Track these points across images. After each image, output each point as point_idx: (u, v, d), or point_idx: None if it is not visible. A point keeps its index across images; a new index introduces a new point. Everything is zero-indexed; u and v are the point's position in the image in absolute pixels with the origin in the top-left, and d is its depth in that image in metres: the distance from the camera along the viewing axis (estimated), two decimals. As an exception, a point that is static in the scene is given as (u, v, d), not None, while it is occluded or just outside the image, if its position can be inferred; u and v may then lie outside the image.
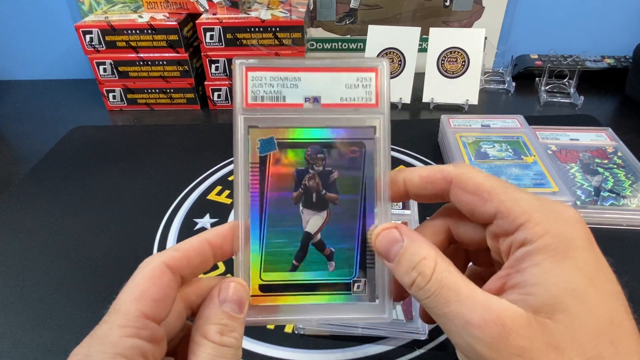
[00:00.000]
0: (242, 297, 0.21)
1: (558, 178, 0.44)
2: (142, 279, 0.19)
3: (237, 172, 0.22)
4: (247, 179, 0.22)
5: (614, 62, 0.72)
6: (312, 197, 0.22)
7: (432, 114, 0.65)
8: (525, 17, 0.75)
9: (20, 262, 0.41)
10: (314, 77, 0.22)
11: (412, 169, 0.23)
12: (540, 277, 0.19)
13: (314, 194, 0.22)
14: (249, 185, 0.22)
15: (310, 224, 0.22)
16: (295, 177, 0.22)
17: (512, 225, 0.20)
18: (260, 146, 0.22)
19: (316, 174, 0.22)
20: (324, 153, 0.22)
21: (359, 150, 0.23)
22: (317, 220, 0.22)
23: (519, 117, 0.55)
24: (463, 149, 0.50)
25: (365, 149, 0.23)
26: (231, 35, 0.61)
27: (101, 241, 0.43)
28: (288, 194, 0.22)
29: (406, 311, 0.33)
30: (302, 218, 0.22)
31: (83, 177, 0.52)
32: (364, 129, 0.23)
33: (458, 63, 0.65)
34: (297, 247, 0.22)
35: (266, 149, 0.22)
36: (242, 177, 0.22)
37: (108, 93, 0.67)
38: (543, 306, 0.18)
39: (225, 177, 0.52)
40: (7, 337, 0.34)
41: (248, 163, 0.22)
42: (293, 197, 0.22)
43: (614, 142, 0.52)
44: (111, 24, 0.61)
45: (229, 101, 0.67)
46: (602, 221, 0.43)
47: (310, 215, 0.22)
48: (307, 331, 0.33)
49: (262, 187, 0.22)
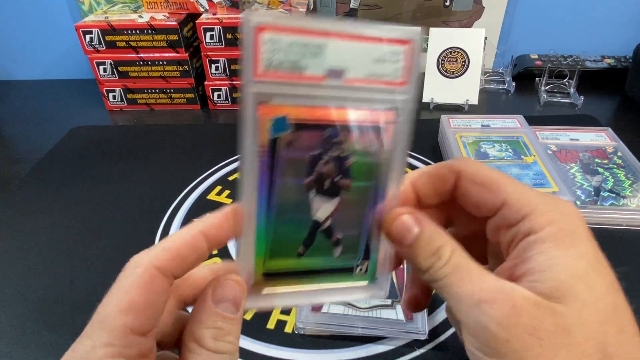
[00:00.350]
0: (238, 295, 0.20)
1: (558, 178, 0.44)
2: (130, 286, 0.18)
3: (244, 155, 0.19)
4: (255, 163, 0.19)
5: (614, 62, 0.72)
6: (325, 184, 0.21)
7: (432, 114, 0.65)
8: (525, 17, 0.75)
9: (20, 262, 0.41)
10: (341, 45, 0.19)
11: (415, 171, 0.23)
12: (547, 264, 0.19)
13: (327, 180, 0.21)
14: (256, 170, 0.19)
15: (320, 211, 0.21)
16: (308, 162, 0.20)
17: (517, 216, 0.20)
18: (271, 126, 0.19)
19: (331, 159, 0.20)
20: (341, 136, 0.20)
21: (379, 134, 0.20)
22: (327, 208, 0.21)
23: (519, 117, 0.55)
24: (463, 149, 0.50)
25: (385, 133, 0.20)
26: (231, 35, 0.61)
27: (101, 241, 0.43)
28: (299, 180, 0.20)
29: (406, 311, 0.33)
30: (312, 205, 0.21)
31: (83, 177, 0.52)
32: (385, 112, 0.20)
33: (458, 63, 0.65)
34: (305, 235, 0.21)
35: (278, 129, 0.19)
36: (249, 160, 0.19)
37: (108, 93, 0.67)
38: (552, 291, 0.18)
39: (225, 177, 0.52)
40: (7, 337, 0.34)
41: (256, 145, 0.19)
42: (305, 184, 0.20)
43: (613, 142, 0.52)
44: (111, 24, 0.61)
45: (229, 101, 0.67)
46: (602, 221, 0.43)
47: (320, 202, 0.21)
48: (307, 331, 0.33)
49: (271, 171, 0.19)
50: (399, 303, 0.33)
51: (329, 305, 0.33)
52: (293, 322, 0.34)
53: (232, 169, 0.53)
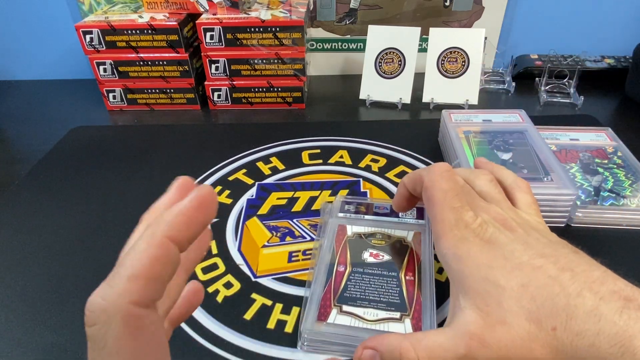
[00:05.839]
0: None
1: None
2: (145, 256, 0.16)
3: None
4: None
5: (614, 62, 0.72)
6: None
7: (432, 114, 0.65)
8: (525, 17, 0.75)
9: (20, 262, 0.41)
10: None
11: (406, 175, 0.35)
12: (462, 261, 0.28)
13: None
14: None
15: None
16: None
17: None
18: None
19: None
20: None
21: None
22: None
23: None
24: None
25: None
26: (231, 35, 0.61)
27: (101, 241, 0.43)
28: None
29: (415, 326, 0.32)
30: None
31: (83, 177, 0.52)
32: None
33: (458, 63, 0.65)
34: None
35: None
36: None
37: (108, 93, 0.67)
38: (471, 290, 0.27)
39: (225, 177, 0.52)
40: (7, 337, 0.34)
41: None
42: None
43: (613, 142, 0.52)
44: (111, 24, 0.61)
45: (229, 101, 0.67)
46: (602, 221, 0.43)
47: None
48: (310, 349, 0.32)
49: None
50: (407, 317, 0.32)
51: (335, 316, 0.32)
52: (293, 322, 0.34)
53: (232, 169, 0.53)
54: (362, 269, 0.36)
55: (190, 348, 0.33)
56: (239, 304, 0.36)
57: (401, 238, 0.39)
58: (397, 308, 0.33)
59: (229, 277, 0.39)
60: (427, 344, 0.26)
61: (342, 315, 0.32)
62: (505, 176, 0.35)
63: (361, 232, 0.40)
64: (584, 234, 0.42)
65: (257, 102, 0.67)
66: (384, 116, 0.65)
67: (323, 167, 0.53)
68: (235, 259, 0.40)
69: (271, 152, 0.56)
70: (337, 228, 0.40)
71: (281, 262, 0.40)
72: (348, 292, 0.34)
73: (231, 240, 0.43)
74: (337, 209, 0.42)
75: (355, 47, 0.77)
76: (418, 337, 0.27)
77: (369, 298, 0.33)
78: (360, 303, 0.33)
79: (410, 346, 0.26)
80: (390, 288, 0.34)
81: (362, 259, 0.37)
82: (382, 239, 0.39)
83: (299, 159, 0.54)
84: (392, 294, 0.34)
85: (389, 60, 0.66)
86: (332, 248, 0.38)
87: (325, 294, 0.34)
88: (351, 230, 0.40)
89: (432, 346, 0.26)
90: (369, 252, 0.37)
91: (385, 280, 0.35)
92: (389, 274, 0.35)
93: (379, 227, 0.40)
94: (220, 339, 0.33)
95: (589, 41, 0.76)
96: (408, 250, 0.38)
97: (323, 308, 0.33)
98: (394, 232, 0.39)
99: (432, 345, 0.26)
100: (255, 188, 0.50)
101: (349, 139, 0.58)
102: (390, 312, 0.33)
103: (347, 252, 0.38)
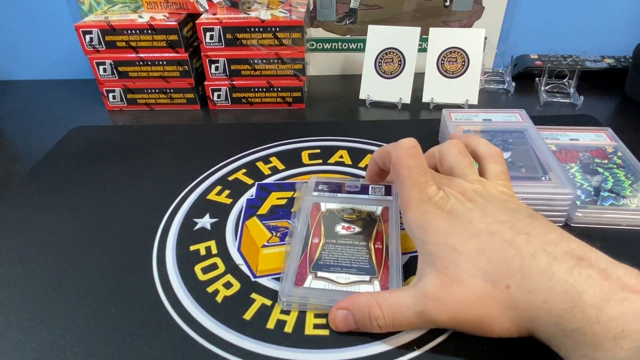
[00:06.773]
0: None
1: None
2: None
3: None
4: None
5: (614, 62, 0.72)
6: None
7: (432, 114, 0.65)
8: (525, 17, 0.75)
9: (20, 262, 0.41)
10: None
11: (376, 151, 0.40)
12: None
13: None
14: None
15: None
16: None
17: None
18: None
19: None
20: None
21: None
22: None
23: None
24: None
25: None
26: (231, 35, 0.61)
27: (101, 241, 0.43)
28: None
29: (383, 287, 0.35)
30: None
31: (83, 177, 0.52)
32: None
33: (458, 63, 0.65)
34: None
35: None
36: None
37: (108, 93, 0.67)
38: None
39: (225, 177, 0.52)
40: (7, 337, 0.34)
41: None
42: None
43: (613, 142, 0.52)
44: (111, 24, 0.61)
45: (229, 101, 0.67)
46: (602, 221, 0.43)
47: None
48: (292, 307, 0.35)
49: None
50: (376, 279, 0.36)
51: (311, 281, 0.36)
52: (293, 322, 0.34)
53: (232, 169, 0.53)
54: (335, 240, 0.39)
55: (190, 348, 0.33)
56: (238, 304, 0.36)
57: (370, 212, 0.42)
58: (367, 272, 0.36)
59: (229, 277, 0.39)
60: (391, 302, 0.30)
61: (317, 280, 0.36)
62: (478, 145, 0.37)
63: (334, 208, 0.43)
64: (583, 234, 0.42)
65: (257, 102, 0.67)
66: (384, 116, 0.65)
67: (323, 167, 0.53)
68: (235, 259, 0.40)
69: (271, 152, 0.56)
70: (312, 206, 0.43)
71: (281, 262, 0.40)
72: (322, 260, 0.37)
73: (231, 240, 0.43)
74: (312, 189, 0.45)
75: (355, 47, 0.77)
76: (384, 295, 0.31)
77: (341, 265, 0.37)
78: (334, 269, 0.36)
79: (376, 304, 0.30)
80: (360, 256, 0.38)
81: (335, 231, 0.40)
82: (353, 213, 0.42)
83: (299, 159, 0.54)
84: (362, 261, 0.37)
85: (389, 60, 0.66)
86: (307, 223, 0.41)
87: (301, 263, 0.37)
88: (325, 207, 0.43)
89: (394, 304, 0.30)
90: (341, 225, 0.41)
91: (356, 249, 0.38)
92: (360, 244, 0.39)
93: (350, 204, 0.43)
94: (220, 339, 0.33)
95: (589, 41, 0.76)
96: (377, 223, 0.41)
97: (299, 275, 0.36)
98: (364, 208, 0.43)
99: (394, 303, 0.30)
100: (255, 188, 0.50)
101: (349, 139, 0.58)
102: (361, 276, 0.36)
103: (321, 226, 0.41)
